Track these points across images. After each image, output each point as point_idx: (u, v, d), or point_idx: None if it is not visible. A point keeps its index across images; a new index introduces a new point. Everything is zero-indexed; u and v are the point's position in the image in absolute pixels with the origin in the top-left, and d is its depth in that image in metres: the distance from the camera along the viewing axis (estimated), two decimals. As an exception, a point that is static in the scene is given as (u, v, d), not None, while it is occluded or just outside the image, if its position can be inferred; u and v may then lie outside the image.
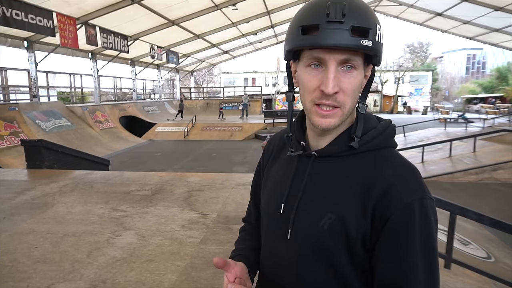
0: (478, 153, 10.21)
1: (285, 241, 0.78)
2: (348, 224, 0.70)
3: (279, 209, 0.80)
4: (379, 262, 0.69)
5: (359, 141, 0.75)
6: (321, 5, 0.67)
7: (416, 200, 0.68)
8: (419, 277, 0.66)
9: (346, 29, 0.65)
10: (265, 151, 0.98)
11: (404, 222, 0.67)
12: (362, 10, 0.68)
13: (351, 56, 0.69)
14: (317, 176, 0.78)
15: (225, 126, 18.23)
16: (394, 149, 0.79)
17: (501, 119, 20.61)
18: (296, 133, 0.85)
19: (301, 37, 0.69)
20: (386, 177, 0.71)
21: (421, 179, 0.72)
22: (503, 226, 3.00)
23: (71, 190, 5.08)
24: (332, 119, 0.73)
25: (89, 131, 13.95)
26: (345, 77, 0.70)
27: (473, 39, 25.53)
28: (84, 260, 2.99)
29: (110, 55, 17.42)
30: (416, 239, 0.66)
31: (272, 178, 0.89)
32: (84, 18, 12.79)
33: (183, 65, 26.63)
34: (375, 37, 0.68)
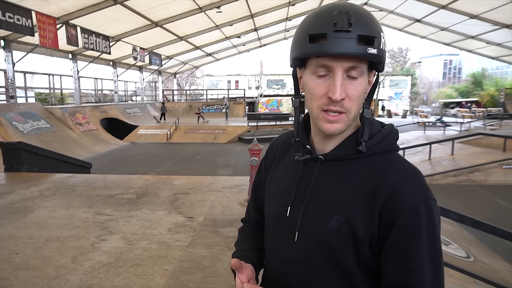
0: (456, 155, 10.53)
1: (292, 243, 0.79)
2: (356, 225, 0.72)
3: (285, 212, 0.82)
4: (387, 262, 0.71)
5: (366, 145, 0.77)
6: (328, 14, 0.70)
7: (421, 201, 0.70)
8: (426, 275, 0.68)
9: (353, 38, 0.68)
10: (268, 154, 0.99)
11: (410, 223, 0.69)
12: (367, 19, 0.71)
13: (357, 63, 0.71)
14: (323, 180, 0.79)
15: (209, 129, 18.14)
16: (397, 152, 0.82)
17: (477, 123, 21.32)
18: (301, 137, 0.86)
19: (308, 45, 0.71)
20: (392, 180, 0.73)
21: (425, 181, 0.74)
22: (482, 226, 3.09)
23: (53, 193, 4.96)
24: (338, 124, 0.75)
25: (69, 133, 13.61)
26: (351, 84, 0.72)
27: (450, 45, 26.39)
28: (69, 265, 2.92)
29: (91, 56, 17.07)
30: (422, 239, 0.69)
31: (277, 181, 0.90)
32: (64, 18, 12.51)
33: (166, 67, 26.38)
34: (379, 45, 0.70)
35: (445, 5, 18.59)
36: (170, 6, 14.57)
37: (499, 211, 7.39)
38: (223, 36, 21.81)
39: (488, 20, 18.91)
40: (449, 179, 9.36)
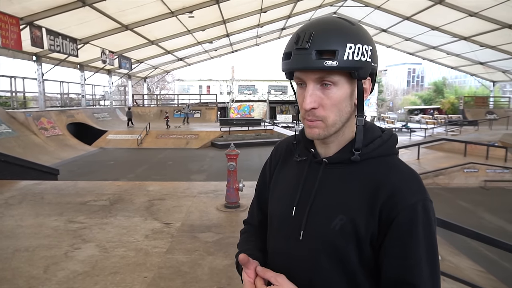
0: (421, 160, 11.03)
1: (297, 242, 0.83)
2: (358, 224, 0.77)
3: (290, 212, 0.86)
4: (385, 258, 0.75)
5: (362, 151, 0.82)
6: (294, 34, 0.80)
7: (419, 201, 0.75)
8: (423, 271, 0.73)
9: (310, 54, 0.75)
10: (273, 156, 1.03)
11: (409, 221, 0.74)
12: (328, 35, 0.76)
13: (325, 74, 0.77)
14: (327, 181, 0.84)
15: (181, 134, 17.90)
16: (397, 156, 0.87)
17: (439, 129, 22.42)
18: (305, 141, 0.91)
19: (284, 62, 0.81)
20: (392, 181, 0.78)
21: (422, 183, 0.80)
22: (450, 226, 3.27)
23: (19, 202, 4.73)
24: (316, 129, 0.81)
25: (33, 138, 12.98)
26: (324, 94, 0.79)
27: (414, 55, 27.67)
28: (41, 276, 2.81)
29: (57, 58, 16.42)
30: (420, 237, 0.73)
31: (282, 182, 0.94)
32: (29, 19, 11.98)
33: (136, 71, 25.83)
34: (343, 57, 0.75)
35: (409, 17, 19.52)
36: (142, 10, 14.34)
37: (461, 212, 7.81)
38: (195, 41, 21.70)
39: (448, 32, 20.04)
40: (415, 183, 9.76)
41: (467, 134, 18.14)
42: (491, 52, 21.20)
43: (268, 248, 0.95)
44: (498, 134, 17.03)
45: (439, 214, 3.51)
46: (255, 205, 1.08)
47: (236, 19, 18.87)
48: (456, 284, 3.50)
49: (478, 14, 16.64)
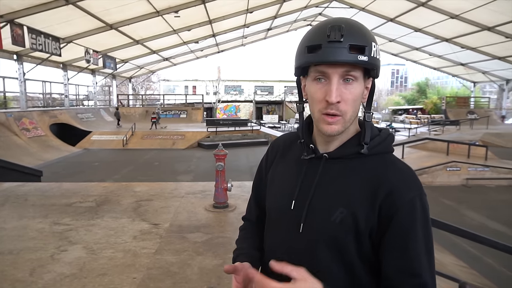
0: (406, 159, 11.22)
1: (297, 234, 0.85)
2: (359, 217, 0.80)
3: (289, 205, 0.88)
4: (387, 252, 0.79)
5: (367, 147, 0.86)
6: (323, 28, 0.80)
7: (416, 196, 0.80)
8: (422, 261, 0.77)
9: (344, 47, 0.77)
10: (269, 153, 1.05)
11: (408, 216, 0.78)
12: (358, 31, 0.80)
13: (351, 69, 0.80)
14: (327, 176, 0.87)
15: (167, 135, 17.75)
16: (393, 154, 0.91)
17: (422, 128, 22.89)
18: (306, 137, 0.93)
19: (307, 55, 0.81)
20: (391, 179, 0.82)
21: (418, 178, 0.84)
22: (435, 223, 3.35)
23: (1, 204, 4.62)
24: (336, 126, 0.83)
25: (14, 139, 12.66)
26: (346, 88, 0.81)
27: (397, 56, 28.18)
28: (27, 279, 2.75)
29: (39, 57, 16.06)
30: (418, 229, 0.78)
31: (279, 177, 0.96)
32: (9, 16, 11.68)
33: (120, 71, 25.48)
34: (370, 53, 0.79)
35: (392, 18, 19.88)
36: (127, 9, 14.17)
37: (445, 209, 8.00)
38: (181, 41, 21.56)
39: (430, 33, 20.49)
40: (400, 181, 9.95)
41: (449, 133, 18.57)
42: (471, 54, 21.78)
43: (265, 242, 0.97)
44: (479, 134, 17.50)
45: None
46: (253, 201, 1.10)
47: (222, 19, 18.83)
48: (440, 279, 3.59)
49: (459, 16, 17.07)
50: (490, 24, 17.14)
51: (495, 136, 17.42)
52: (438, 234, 5.55)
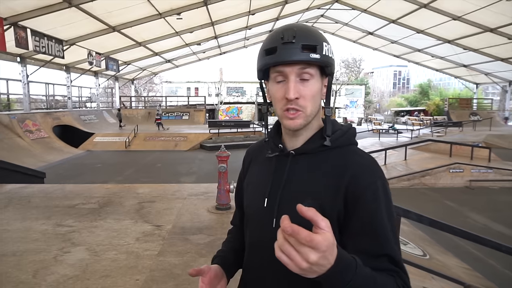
0: (408, 161, 11.20)
1: (270, 230, 0.88)
2: (325, 206, 0.84)
3: (263, 203, 0.93)
4: (356, 233, 0.83)
5: (330, 139, 0.91)
6: (277, 32, 0.87)
7: (378, 179, 0.86)
8: (390, 240, 0.82)
9: (297, 47, 0.84)
10: (245, 159, 1.12)
11: (371, 195, 0.84)
12: (309, 32, 0.87)
13: (306, 67, 0.86)
14: (295, 171, 0.92)
15: (169, 136, 17.77)
16: (356, 146, 0.97)
17: (425, 130, 22.80)
18: (274, 138, 1.00)
19: (265, 57, 0.88)
20: (355, 165, 0.88)
21: (380, 167, 0.91)
22: (438, 225, 3.34)
23: (5, 205, 4.64)
24: (298, 120, 0.89)
25: (17, 141, 12.72)
26: (303, 86, 0.87)
27: (400, 57, 28.13)
28: (30, 280, 2.76)
29: (43, 59, 16.15)
30: (382, 207, 0.83)
31: (254, 179, 1.03)
32: (13, 19, 11.75)
33: (123, 73, 25.57)
34: (322, 51, 0.86)
35: (394, 20, 19.86)
36: (129, 11, 14.22)
37: (448, 211, 7.96)
38: (183, 43, 21.61)
39: (433, 35, 20.45)
40: (403, 183, 9.92)
41: (452, 135, 18.51)
42: (474, 55, 21.72)
43: (245, 241, 1.03)
44: (482, 135, 17.44)
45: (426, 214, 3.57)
46: (236, 205, 1.18)
47: (225, 21, 18.87)
48: (443, 281, 3.58)
49: (462, 18, 17.04)
50: (492, 25, 17.10)
51: (498, 137, 17.36)
52: (441, 237, 5.56)
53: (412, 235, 5.63)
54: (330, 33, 27.83)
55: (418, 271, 3.46)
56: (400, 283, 0.80)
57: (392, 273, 0.80)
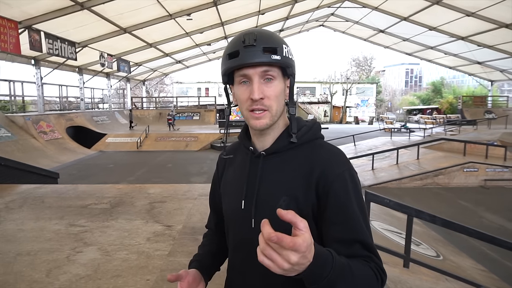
0: (421, 160, 11.03)
1: (250, 230, 0.91)
2: (300, 200, 0.88)
3: (240, 206, 0.96)
4: (330, 224, 0.87)
5: (296, 136, 0.94)
6: (239, 37, 0.91)
7: (346, 170, 0.90)
8: (363, 226, 0.86)
9: (259, 50, 0.87)
10: (219, 163, 1.16)
11: (341, 185, 0.87)
12: (269, 35, 0.91)
13: (268, 68, 0.89)
14: (268, 171, 0.95)
15: (180, 136, 17.90)
16: (323, 139, 1.00)
17: (438, 128, 22.44)
18: (244, 141, 1.04)
19: (228, 61, 0.92)
20: (322, 158, 0.91)
21: (346, 157, 0.94)
22: (452, 226, 3.28)
23: (20, 206, 4.71)
24: (264, 120, 0.91)
25: (32, 142, 12.97)
26: (267, 86, 0.90)
27: (411, 55, 27.76)
28: (44, 280, 2.79)
29: (56, 62, 16.45)
30: (353, 199, 0.87)
31: (230, 182, 1.05)
32: (27, 22, 12.00)
33: (134, 74, 25.87)
34: (282, 53, 0.89)
35: (406, 17, 19.60)
36: (140, 13, 14.37)
37: (462, 211, 7.82)
38: (193, 43, 21.75)
39: (446, 32, 20.12)
40: (416, 183, 9.78)
41: (466, 133, 18.18)
42: (488, 52, 21.29)
43: (228, 243, 1.05)
44: (497, 133, 17.07)
45: (440, 214, 3.51)
46: (211, 210, 1.20)
47: (234, 21, 18.92)
48: (458, 283, 3.51)
49: (475, 14, 16.72)
50: (508, 21, 16.73)
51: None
52: (455, 237, 5.45)
53: (425, 236, 5.55)
54: (341, 32, 27.65)
55: (431, 273, 3.40)
56: (373, 266, 0.83)
57: (365, 258, 0.84)
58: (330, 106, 41.52)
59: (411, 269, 3.33)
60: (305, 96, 42.81)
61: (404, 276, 3.04)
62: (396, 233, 4.90)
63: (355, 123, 39.70)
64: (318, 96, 43.81)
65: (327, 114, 41.60)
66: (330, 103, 41.50)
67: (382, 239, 4.44)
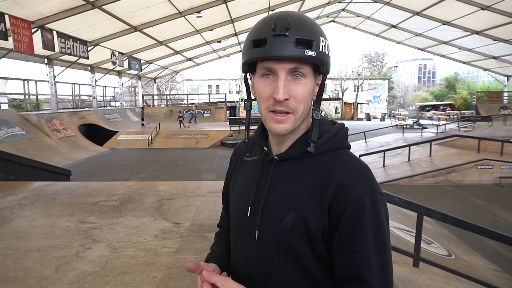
0: (434, 157, 10.85)
1: (253, 242, 0.83)
2: (309, 221, 0.76)
3: (246, 212, 0.86)
4: (336, 253, 0.75)
5: (314, 145, 0.81)
6: (268, 21, 0.75)
7: (367, 194, 0.74)
8: (372, 265, 0.71)
9: (290, 41, 0.73)
10: (232, 160, 1.03)
11: (356, 214, 0.73)
12: (305, 24, 0.76)
13: (299, 65, 0.76)
14: (279, 179, 0.83)
15: (190, 134, 18.00)
16: (348, 150, 0.86)
17: (452, 125, 22.04)
18: (259, 139, 0.91)
19: (252, 50, 0.76)
20: (339, 175, 0.77)
21: (371, 175, 0.78)
22: (464, 225, 3.21)
23: (32, 202, 4.79)
24: (285, 124, 0.79)
25: (46, 140, 13.20)
26: (295, 85, 0.77)
27: (424, 50, 27.28)
28: (53, 276, 2.83)
29: (68, 60, 16.68)
30: (367, 230, 0.72)
31: (239, 183, 0.94)
32: (40, 22, 12.18)
33: (145, 72, 26.06)
34: (318, 48, 0.75)
35: (419, 12, 19.25)
36: (150, 11, 14.45)
37: (475, 209, 7.66)
38: (204, 40, 21.78)
39: (459, 26, 19.69)
40: (428, 180, 9.63)
41: (480, 130, 17.80)
42: (504, 46, 20.75)
43: (231, 247, 0.96)
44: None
45: (451, 212, 3.43)
46: (223, 208, 1.10)
47: (244, 18, 18.87)
48: (470, 283, 3.43)
49: (491, 7, 16.30)
50: (525, 14, 16.28)
51: (530, 132, 16.51)
52: (468, 236, 5.34)
53: (437, 234, 5.45)
54: (352, 27, 27.32)
55: (442, 272, 3.34)
56: None
57: None
58: (341, 103, 41.19)
59: (421, 269, 3.27)
60: (319, 92, 42.55)
61: (414, 276, 2.99)
62: (406, 231, 4.83)
63: (366, 119, 39.31)
64: (329, 92, 43.50)
65: (338, 111, 41.28)
66: (341, 100, 41.14)
67: (392, 238, 4.36)
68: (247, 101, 0.92)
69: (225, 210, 1.07)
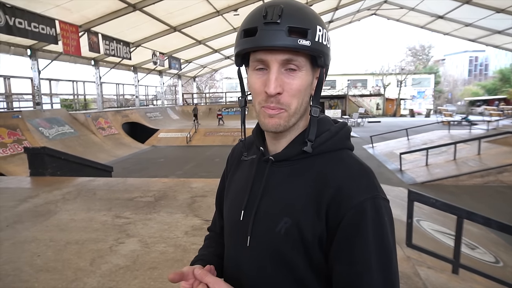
0: (483, 155, 10.12)
1: (244, 249, 0.77)
2: (304, 228, 0.70)
3: (239, 216, 0.80)
4: (334, 264, 0.68)
5: (312, 145, 0.75)
6: (260, 9, 0.70)
7: (368, 199, 0.67)
8: (374, 278, 0.64)
9: (282, 30, 0.66)
10: (229, 159, 0.99)
11: (356, 221, 0.66)
12: (299, 11, 0.69)
13: (293, 56, 0.69)
14: (274, 181, 0.77)
15: (228, 131, 18.22)
16: (350, 151, 0.79)
17: (505, 121, 20.47)
18: (257, 139, 0.86)
19: (242, 40, 0.71)
20: (338, 178, 0.70)
21: (374, 179, 0.71)
22: (511, 230, 2.94)
23: (74, 197, 5.07)
24: (278, 120, 0.73)
25: (92, 137, 13.98)
26: (289, 78, 0.71)
27: (475, 41, 25.50)
28: (87, 268, 2.96)
29: (113, 61, 17.51)
30: (369, 239, 0.65)
31: (234, 185, 0.89)
32: (86, 26, 12.88)
33: (185, 71, 26.74)
34: (314, 38, 0.68)
35: (468, 0, 18.01)
36: (188, 11, 14.76)
37: (530, 213, 7.04)
38: (241, 38, 21.91)
39: (516, 14, 18.17)
40: (475, 180, 9.00)
41: (538, 126, 16.37)
42: None
43: (225, 253, 0.90)
44: None
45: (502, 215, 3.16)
46: (216, 211, 1.03)
47: (281, 15, 18.72)
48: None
49: (552, -9, 14.89)
50: None
51: None
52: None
53: (483, 239, 5.07)
54: (395, 20, 26.23)
55: (485, 281, 3.08)
56: None
57: None
58: (383, 99, 39.70)
59: (461, 276, 3.04)
60: (356, 88, 41.35)
61: (452, 283, 2.78)
62: (448, 234, 4.53)
63: (410, 116, 37.60)
64: (370, 88, 42.09)
65: (379, 107, 39.84)
66: (383, 96, 39.66)
67: (431, 241, 4.12)
68: (241, 97, 0.86)
69: (219, 213, 1.02)
